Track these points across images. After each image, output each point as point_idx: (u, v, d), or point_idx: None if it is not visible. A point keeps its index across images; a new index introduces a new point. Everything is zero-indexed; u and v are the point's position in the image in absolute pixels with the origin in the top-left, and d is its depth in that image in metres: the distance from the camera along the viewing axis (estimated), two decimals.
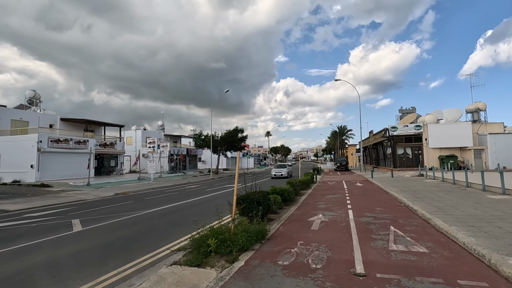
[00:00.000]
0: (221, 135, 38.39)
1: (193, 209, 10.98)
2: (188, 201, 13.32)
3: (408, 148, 29.81)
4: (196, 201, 13.31)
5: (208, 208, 10.14)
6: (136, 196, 16.32)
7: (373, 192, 13.84)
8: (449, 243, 5.19)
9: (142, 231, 7.46)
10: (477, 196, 10.21)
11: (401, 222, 7.07)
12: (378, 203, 10.19)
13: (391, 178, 20.39)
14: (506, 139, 27.28)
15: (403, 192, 12.23)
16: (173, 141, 52.46)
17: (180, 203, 12.55)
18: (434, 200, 9.78)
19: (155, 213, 10.23)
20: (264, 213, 7.28)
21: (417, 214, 7.91)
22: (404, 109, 43.26)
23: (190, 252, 5.03)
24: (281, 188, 10.08)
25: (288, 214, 8.58)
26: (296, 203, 10.70)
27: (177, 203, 12.69)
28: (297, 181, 13.33)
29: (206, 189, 18.91)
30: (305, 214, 8.58)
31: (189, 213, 9.97)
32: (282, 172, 27.66)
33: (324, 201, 11.04)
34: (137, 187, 21.17)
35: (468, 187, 12.99)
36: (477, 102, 31.35)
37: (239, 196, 7.19)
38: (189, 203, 12.69)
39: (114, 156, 34.80)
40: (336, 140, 75.82)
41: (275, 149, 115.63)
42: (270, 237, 6.02)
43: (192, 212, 10.25)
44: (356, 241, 5.48)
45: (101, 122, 33.00)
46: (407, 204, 9.33)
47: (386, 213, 8.34)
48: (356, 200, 11.06)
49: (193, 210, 10.70)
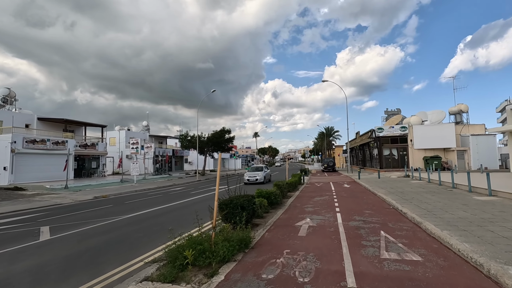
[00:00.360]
0: (207, 135, 37.68)
1: (174, 213, 10.41)
2: (171, 204, 12.72)
3: (394, 149, 30.10)
4: (179, 204, 12.73)
5: (191, 213, 9.56)
6: (116, 199, 15.54)
7: (360, 193, 13.65)
8: (443, 250, 4.92)
9: (116, 240, 6.87)
10: (464, 198, 10.14)
11: (391, 226, 6.79)
12: (367, 206, 9.95)
13: (378, 179, 20.38)
14: (487, 140, 27.97)
15: (390, 194, 12.07)
16: (158, 142, 51.26)
17: (161, 207, 11.94)
18: (422, 202, 9.62)
19: (134, 218, 9.61)
20: (248, 219, 6.85)
21: (407, 217, 7.68)
22: (390, 111, 43.95)
23: (165, 265, 4.53)
24: (267, 191, 9.68)
25: (275, 218, 8.18)
26: (283, 206, 10.33)
27: (158, 207, 12.07)
28: (284, 183, 12.97)
29: (191, 192, 18.30)
30: (292, 218, 8.20)
31: (170, 219, 9.41)
32: (257, 177, 23.12)
33: (311, 204, 10.71)
34: (118, 190, 20.30)
35: (454, 188, 13.00)
36: (459, 104, 32.07)
37: (221, 200, 6.75)
38: (172, 207, 12.09)
39: (95, 158, 33.52)
40: (323, 141, 76.33)
41: (263, 150, 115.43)
42: (254, 245, 5.59)
43: (173, 217, 9.69)
44: (346, 249, 5.13)
45: (81, 122, 31.68)
46: (396, 207, 9.12)
47: (375, 216, 8.07)
48: (344, 203, 10.79)
49: (175, 215, 10.13)
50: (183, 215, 9.86)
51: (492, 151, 27.66)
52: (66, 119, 29.49)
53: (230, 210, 6.52)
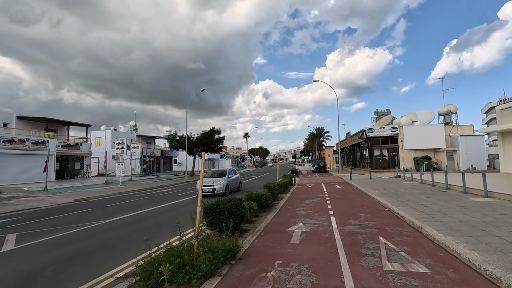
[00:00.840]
0: (197, 136, 36.84)
1: (158, 218, 9.72)
2: (155, 208, 12.00)
3: (384, 149, 30.05)
4: (164, 207, 12.02)
5: (176, 217, 8.93)
6: (98, 202, 14.68)
7: (353, 195, 13.26)
8: (450, 259, 4.46)
9: (89, 250, 6.17)
10: (460, 199, 9.83)
11: (390, 231, 6.33)
12: (361, 208, 9.52)
13: (370, 180, 20.12)
14: (476, 140, 28.21)
15: (384, 195, 11.70)
16: (146, 142, 50.04)
17: (145, 211, 11.22)
18: (418, 204, 9.25)
19: (113, 224, 8.88)
20: (237, 224, 6.27)
21: (405, 221, 7.25)
22: (380, 111, 44.14)
23: (137, 282, 3.91)
24: (257, 194, 9.12)
25: (265, 223, 7.62)
26: (274, 209, 9.79)
27: (142, 210, 11.34)
28: (275, 185, 12.44)
29: (178, 194, 17.58)
30: (283, 222, 7.66)
31: (152, 224, 8.73)
32: (215, 186, 14.97)
33: (304, 207, 10.21)
34: (102, 192, 19.36)
35: (448, 189, 12.75)
36: (448, 105, 32.33)
37: (207, 205, 6.15)
38: (156, 210, 11.38)
39: (79, 158, 32.28)
40: (314, 141, 76.39)
41: (253, 151, 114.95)
42: (242, 255, 5.01)
43: (156, 222, 9.01)
44: (344, 259, 4.62)
45: (64, 121, 30.38)
46: (392, 209, 8.70)
47: (371, 219, 7.62)
48: (338, 205, 10.34)
49: (158, 219, 9.45)
50: (166, 219, 9.19)
51: (480, 151, 27.92)
52: (47, 118, 28.19)
53: (216, 216, 5.93)
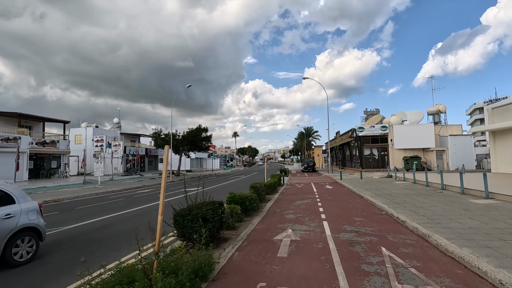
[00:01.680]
0: (182, 134, 35.50)
1: (127, 224, 8.57)
2: (129, 211, 10.83)
3: (374, 149, 29.61)
4: (139, 210, 10.87)
5: (148, 222, 7.87)
6: (68, 204, 13.35)
7: (345, 196, 12.46)
8: (475, 280, 3.60)
9: (25, 271, 5.02)
10: (460, 201, 9.14)
11: (392, 239, 5.48)
12: (355, 211, 8.68)
13: (360, 180, 19.46)
14: (464, 140, 28.13)
15: (378, 197, 10.94)
16: (131, 141, 48.23)
17: (116, 215, 10.05)
18: (417, 206, 8.48)
19: (72, 231, 7.71)
20: (214, 233, 5.29)
21: (407, 226, 6.42)
22: (369, 111, 43.93)
23: None
24: (241, 196, 8.12)
25: (249, 229, 6.65)
26: (260, 212, 8.83)
27: (113, 214, 10.17)
28: (262, 185, 11.48)
29: (159, 194, 16.36)
30: (270, 229, 6.71)
31: (118, 232, 7.61)
32: None
33: (293, 209, 9.30)
34: (77, 193, 17.93)
35: (444, 189, 12.12)
36: (438, 104, 32.24)
37: (177, 211, 5.13)
38: (129, 214, 10.22)
39: (56, 157, 30.43)
40: (303, 141, 76.02)
41: (242, 150, 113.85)
42: (217, 275, 4.02)
43: (123, 229, 7.87)
44: (344, 279, 3.69)
45: (39, 116, 28.48)
46: (389, 213, 7.89)
47: (369, 225, 6.77)
48: (330, 207, 9.48)
49: (127, 226, 8.30)
50: (138, 225, 8.07)
51: (469, 151, 27.84)
52: (20, 113, 26.31)
53: (187, 224, 4.92)
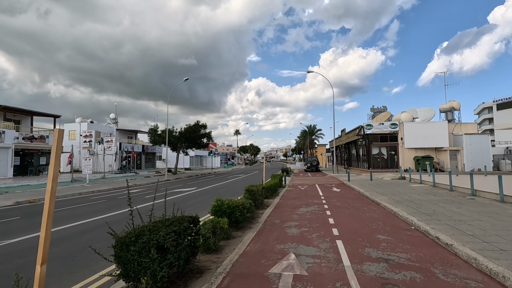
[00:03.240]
0: (180, 130, 33.77)
1: (85, 237, 6.87)
2: (105, 216, 9.11)
3: (383, 148, 27.70)
4: (113, 217, 9.11)
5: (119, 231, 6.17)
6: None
7: (357, 202, 10.66)
8: None
9: None
10: (506, 212, 7.32)
11: (444, 278, 3.69)
12: (375, 224, 6.89)
13: (371, 182, 17.62)
14: (481, 139, 26.14)
15: (398, 204, 9.13)
16: (128, 137, 46.69)
17: (82, 222, 8.33)
18: (455, 220, 6.67)
19: (22, 245, 6.02)
20: (181, 267, 3.53)
21: (456, 253, 4.62)
22: (376, 108, 41.98)
23: None
24: (230, 204, 6.30)
25: (237, 253, 4.89)
26: (255, 224, 7.07)
27: (79, 221, 8.45)
28: (260, 188, 9.68)
29: (146, 196, 14.66)
30: (265, 251, 4.95)
31: (77, 246, 5.91)
32: None
33: (296, 220, 7.53)
34: (61, 192, 16.35)
35: (475, 195, 10.27)
36: (451, 101, 30.20)
37: (119, 236, 3.37)
38: (97, 221, 8.48)
39: (46, 153, 28.85)
40: (306, 139, 74.14)
41: (244, 148, 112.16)
42: None
43: (75, 246, 6.16)
44: None
45: (26, 110, 26.87)
46: (422, 229, 6.08)
47: (399, 248, 4.99)
48: (342, 218, 7.70)
49: (84, 240, 6.58)
50: (100, 239, 6.36)
51: (485, 151, 25.85)
52: (5, 106, 24.69)
53: (133, 257, 3.16)
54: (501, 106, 51.99)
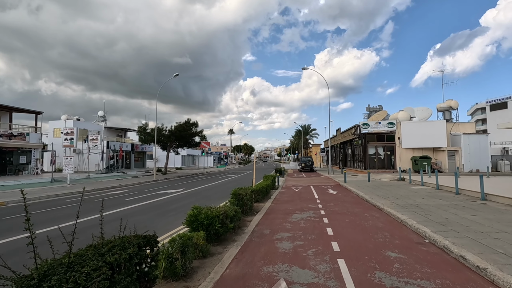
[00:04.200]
0: (170, 128, 32.46)
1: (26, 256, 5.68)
2: (71, 223, 7.90)
3: (380, 147, 26.87)
4: (87, 222, 7.92)
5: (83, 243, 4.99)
6: (9, 210, 10.47)
7: (357, 206, 9.66)
8: None
9: None
10: None
11: None
12: (381, 235, 5.87)
13: (369, 183, 16.67)
14: (479, 139, 25.48)
15: (404, 210, 8.15)
16: (117, 135, 45.11)
17: (48, 230, 7.12)
18: (474, 231, 5.68)
19: None
20: None
21: (494, 282, 3.60)
22: (372, 107, 41.18)
23: None
24: (209, 214, 5.16)
25: (210, 282, 3.78)
26: (240, 236, 5.98)
27: (47, 228, 7.22)
28: (249, 191, 8.60)
29: (127, 198, 13.46)
30: (248, 281, 3.86)
31: None
32: None
33: (289, 231, 6.46)
34: (36, 193, 14.99)
35: (486, 199, 9.36)
36: (449, 100, 29.54)
37: (19, 279, 2.22)
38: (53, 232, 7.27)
39: (26, 151, 27.30)
40: (300, 139, 73.33)
41: (238, 148, 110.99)
42: None
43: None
44: None
45: (5, 106, 25.28)
46: (440, 244, 5.07)
47: (417, 271, 3.95)
48: (342, 227, 6.66)
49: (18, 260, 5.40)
50: None
51: (484, 152, 25.20)
52: None
53: None
54: (494, 107, 52.03)
